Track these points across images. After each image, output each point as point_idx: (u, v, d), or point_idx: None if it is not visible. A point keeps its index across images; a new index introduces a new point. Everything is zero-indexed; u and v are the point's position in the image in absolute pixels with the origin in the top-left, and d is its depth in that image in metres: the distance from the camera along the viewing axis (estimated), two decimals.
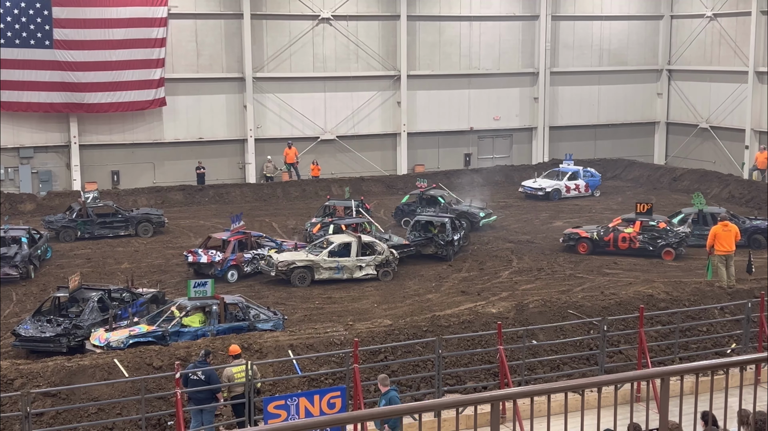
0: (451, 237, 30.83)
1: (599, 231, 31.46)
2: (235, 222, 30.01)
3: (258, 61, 44.57)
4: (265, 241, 29.91)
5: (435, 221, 31.81)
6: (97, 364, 17.89)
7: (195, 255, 28.38)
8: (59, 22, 40.19)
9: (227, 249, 28.46)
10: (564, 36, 50.55)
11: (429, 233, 31.36)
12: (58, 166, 42.25)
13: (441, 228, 31.27)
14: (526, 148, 50.86)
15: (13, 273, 27.90)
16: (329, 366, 18.44)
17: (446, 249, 30.68)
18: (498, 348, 17.07)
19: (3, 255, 28.14)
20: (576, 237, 31.52)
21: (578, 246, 31.38)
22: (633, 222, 31.35)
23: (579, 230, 32.00)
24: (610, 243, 31.08)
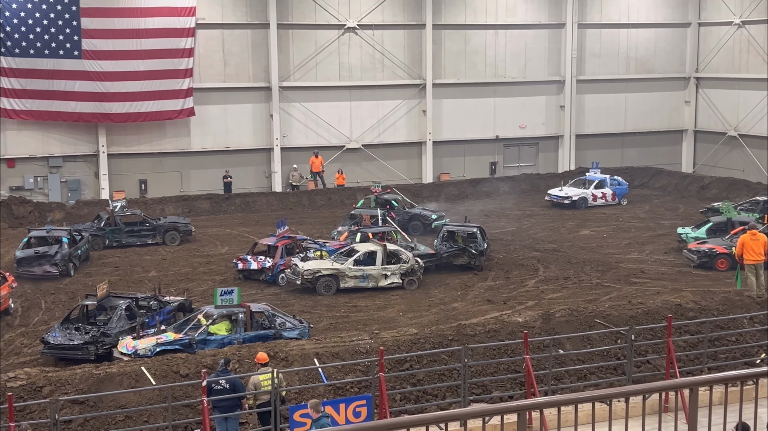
0: (482, 246, 30.73)
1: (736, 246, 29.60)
2: (281, 227, 30.43)
3: (284, 71, 44.77)
4: (310, 244, 30.23)
5: (462, 231, 31.65)
6: (125, 372, 17.99)
7: (245, 263, 28.87)
8: (88, 33, 40.60)
9: (276, 254, 28.92)
10: (590, 44, 50.35)
11: (458, 243, 31.18)
12: (87, 175, 42.63)
13: (470, 237, 31.11)
14: (553, 156, 50.67)
15: (53, 270, 29.48)
16: (355, 374, 18.42)
17: (478, 260, 30.47)
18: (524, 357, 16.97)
19: (44, 254, 29.74)
20: (714, 254, 29.93)
21: (716, 262, 29.80)
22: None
23: (717, 246, 30.25)
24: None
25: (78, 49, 40.55)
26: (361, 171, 46.66)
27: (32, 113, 40.40)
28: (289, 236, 30.22)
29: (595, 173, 44.41)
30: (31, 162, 41.53)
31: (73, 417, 16.40)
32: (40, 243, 30.62)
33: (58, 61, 40.34)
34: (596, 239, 35.61)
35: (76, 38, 40.46)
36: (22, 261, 29.62)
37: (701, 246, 30.62)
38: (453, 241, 31.38)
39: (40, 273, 29.39)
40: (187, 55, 42.29)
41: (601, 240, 35.30)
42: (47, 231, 31.29)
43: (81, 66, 40.62)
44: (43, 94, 40.30)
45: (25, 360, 21.54)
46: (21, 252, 30.05)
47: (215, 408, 16.30)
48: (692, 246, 30.86)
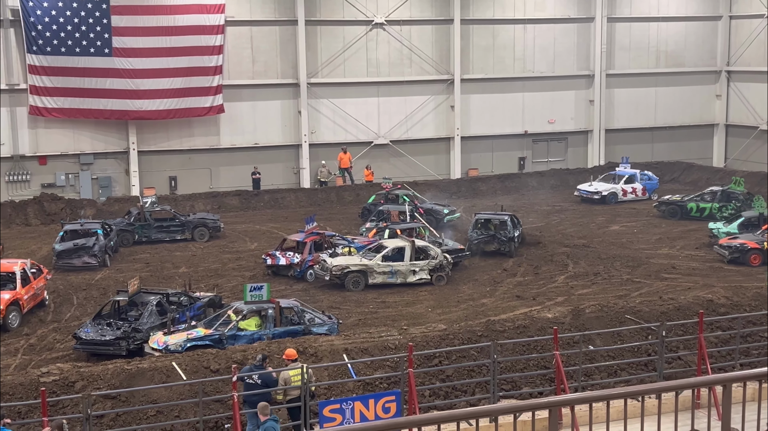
0: (512, 233, 31.66)
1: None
2: (309, 223, 30.61)
3: (312, 67, 44.85)
4: (338, 240, 30.33)
5: (494, 219, 32.70)
6: (156, 367, 18.13)
7: (273, 258, 29.07)
8: (118, 31, 40.91)
9: (304, 250, 29.03)
10: (620, 38, 49.97)
11: (490, 231, 32.05)
12: (118, 171, 42.98)
13: (501, 225, 32.07)
14: (582, 151, 50.37)
15: (92, 261, 30.54)
16: (384, 370, 18.44)
17: (508, 245, 31.48)
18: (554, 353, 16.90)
19: (83, 246, 30.68)
20: (746, 249, 29.62)
21: (749, 258, 29.56)
22: None
23: (748, 241, 29.89)
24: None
25: (108, 47, 40.87)
26: (389, 167, 46.63)
27: (63, 111, 40.78)
28: (318, 232, 30.35)
29: (625, 168, 44.11)
30: (62, 159, 41.95)
31: (105, 412, 16.56)
32: (74, 236, 31.35)
33: (88, 59, 40.68)
34: (626, 234, 35.38)
35: (106, 36, 40.79)
36: (62, 253, 30.49)
37: (732, 241, 30.26)
38: (486, 229, 32.34)
39: (80, 264, 30.36)
40: (217, 53, 42.49)
41: (631, 236, 35.06)
42: (81, 225, 32.11)
43: (111, 63, 40.94)
44: (74, 91, 40.66)
45: (58, 355, 21.78)
46: (60, 245, 30.84)
47: (245, 403, 16.40)
48: (724, 242, 30.50)
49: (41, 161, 41.65)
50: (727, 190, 37.67)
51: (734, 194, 37.16)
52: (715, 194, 37.62)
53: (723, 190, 37.75)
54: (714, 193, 37.84)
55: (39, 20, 39.85)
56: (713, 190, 38.22)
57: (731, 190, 37.49)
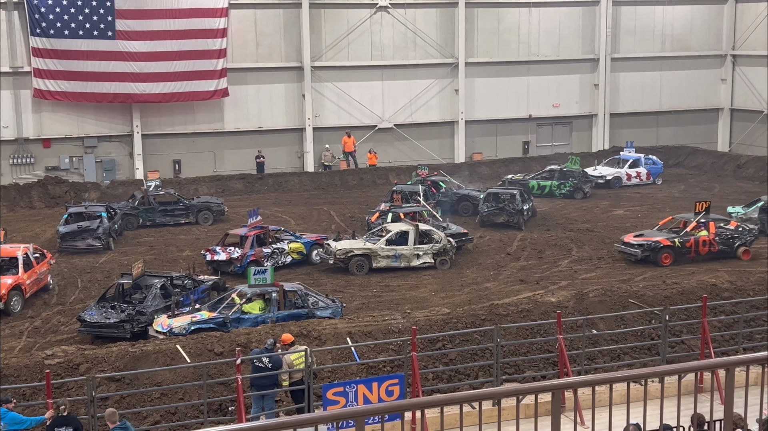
0: (520, 206, 33.09)
1: (681, 238, 28.33)
2: (253, 217, 29.39)
3: (316, 50, 44.73)
4: (284, 235, 29.26)
5: (504, 193, 34.24)
6: (160, 350, 18.20)
7: (213, 254, 27.69)
8: (122, 13, 40.81)
9: (245, 245, 27.77)
10: (625, 21, 49.74)
11: (500, 203, 33.40)
12: (122, 155, 42.99)
13: (511, 198, 33.46)
14: (586, 135, 50.25)
15: (96, 244, 30.69)
16: (387, 353, 18.49)
17: (516, 218, 32.93)
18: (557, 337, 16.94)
19: (87, 228, 30.77)
20: (658, 247, 28.14)
21: (660, 256, 27.98)
22: (705, 224, 28.77)
23: (661, 238, 28.22)
24: (692, 249, 28.35)
25: (112, 30, 40.78)
26: (393, 151, 46.58)
27: (67, 94, 40.74)
28: (261, 226, 29.01)
29: (630, 152, 44.02)
30: (66, 142, 41.94)
31: (109, 395, 16.63)
32: (78, 219, 31.46)
33: (92, 42, 40.60)
34: (630, 219, 35.34)
35: (109, 19, 40.69)
36: (66, 236, 30.58)
37: (641, 239, 28.23)
38: (496, 202, 33.70)
39: (84, 246, 30.48)
40: (221, 36, 42.36)
41: (635, 220, 35.02)
42: (85, 208, 32.19)
43: (115, 46, 40.85)
44: (78, 75, 40.60)
45: (62, 338, 21.86)
46: (64, 227, 30.92)
47: (252, 385, 16.46)
48: (629, 239, 28.38)
49: (45, 144, 41.65)
50: (564, 169, 39.59)
51: (571, 172, 39.27)
52: (554, 172, 39.57)
53: (561, 169, 39.72)
54: (553, 171, 39.76)
55: (42, 3, 39.74)
56: (552, 169, 40.13)
57: (568, 168, 39.54)
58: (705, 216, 28.90)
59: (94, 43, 40.62)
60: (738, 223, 29.47)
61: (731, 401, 6.29)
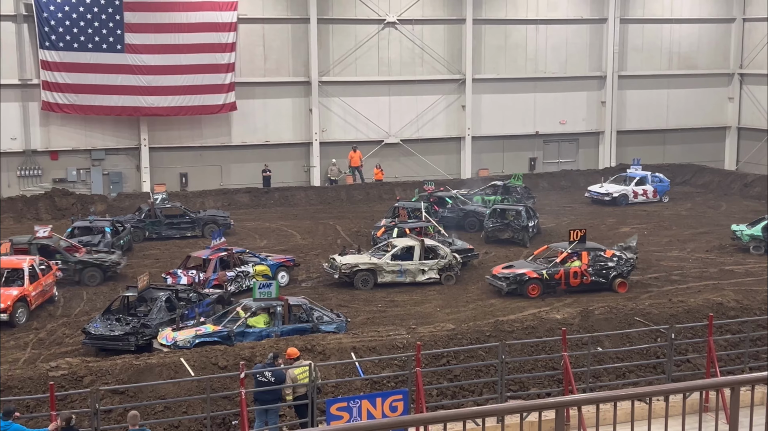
0: (526, 223, 33.11)
1: (549, 269, 26.87)
2: (216, 238, 28.37)
3: (324, 65, 44.87)
4: (249, 257, 27.98)
5: (510, 209, 34.29)
6: (164, 363, 18.18)
7: (174, 277, 26.46)
8: (131, 27, 41.02)
9: (208, 268, 26.62)
10: (633, 39, 49.82)
11: (506, 220, 33.57)
12: (129, 167, 43.10)
13: (516, 215, 33.54)
14: (593, 152, 50.25)
15: None
16: (391, 369, 18.44)
17: (521, 234, 32.92)
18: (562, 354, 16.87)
19: (88, 243, 30.32)
20: (525, 279, 26.65)
21: (527, 288, 26.57)
22: (578, 254, 27.22)
23: (527, 270, 26.84)
24: (561, 281, 26.82)
25: (121, 44, 40.97)
26: (399, 166, 46.63)
27: (75, 107, 40.89)
28: (225, 248, 27.72)
29: (636, 170, 43.98)
30: (73, 154, 42.08)
31: (113, 407, 16.61)
32: (83, 233, 31.28)
33: (101, 55, 40.78)
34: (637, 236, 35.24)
35: (119, 32, 40.90)
36: None
37: (509, 270, 27.16)
38: (502, 218, 33.86)
39: None
40: (229, 50, 42.53)
41: (641, 238, 34.85)
42: (90, 222, 31.98)
43: (124, 60, 41.03)
44: (86, 88, 40.75)
45: (67, 350, 21.85)
46: (65, 242, 30.36)
47: (255, 400, 16.43)
48: (498, 272, 27.36)
49: (53, 156, 41.79)
50: (507, 184, 39.89)
51: (514, 188, 39.55)
52: (498, 188, 39.96)
53: (504, 184, 39.97)
54: (496, 186, 40.15)
55: (52, 16, 39.98)
56: (496, 184, 40.56)
57: (511, 184, 39.80)
58: (579, 246, 27.31)
59: (102, 57, 40.80)
60: (614, 253, 27.62)
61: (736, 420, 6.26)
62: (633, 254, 27.91)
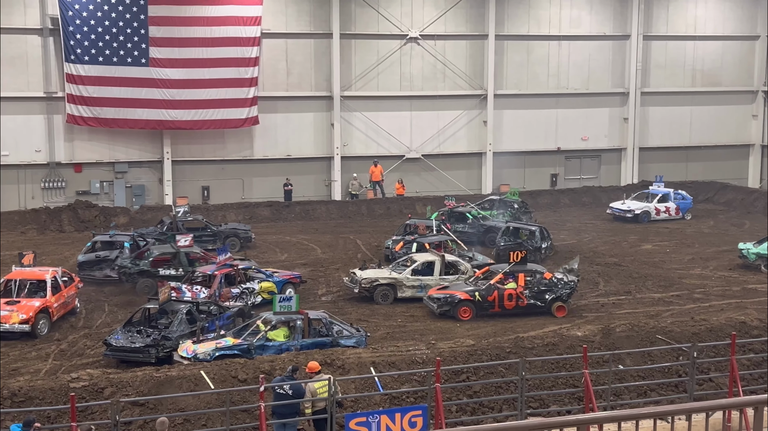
0: (539, 243, 32.57)
1: (481, 291, 26.23)
2: (222, 254, 28.17)
3: (346, 80, 45.02)
4: (255, 273, 27.75)
5: (524, 228, 33.76)
6: (184, 375, 18.23)
7: (178, 292, 26.04)
8: (155, 41, 41.33)
9: (213, 283, 26.45)
10: (656, 56, 49.67)
11: (519, 239, 32.99)
12: (151, 180, 43.36)
13: (530, 235, 33.03)
14: (615, 169, 50.06)
15: (113, 275, 29.55)
16: (411, 384, 18.40)
17: (535, 255, 31.95)
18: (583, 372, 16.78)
19: (105, 258, 30.09)
20: (455, 301, 26.04)
21: (458, 311, 25.89)
22: (514, 276, 26.54)
23: (458, 292, 26.27)
24: (495, 303, 26.12)
25: (145, 57, 41.31)
26: (420, 181, 46.64)
27: (99, 120, 41.21)
28: (231, 264, 27.52)
29: (659, 187, 43.77)
30: (97, 167, 42.41)
31: (133, 419, 16.66)
32: (104, 247, 31.11)
33: (125, 69, 41.11)
34: (659, 254, 35.08)
35: (143, 46, 41.24)
36: (84, 265, 30.05)
37: (441, 292, 26.60)
38: (515, 237, 33.38)
39: (101, 277, 29.66)
40: (253, 64, 42.77)
41: (663, 255, 34.76)
42: (110, 236, 31.65)
43: (148, 74, 41.34)
44: (111, 101, 41.08)
45: (88, 361, 21.96)
46: (83, 256, 30.54)
47: (274, 413, 16.42)
48: (433, 293, 26.71)
49: (76, 169, 42.12)
50: (504, 199, 39.94)
51: (510, 202, 39.39)
52: (494, 202, 39.85)
53: (500, 199, 40.07)
54: (493, 201, 40.07)
55: (78, 29, 40.39)
56: (492, 199, 40.54)
57: (507, 199, 39.83)
58: (517, 267, 26.68)
59: (127, 70, 41.13)
60: (554, 276, 26.82)
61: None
62: (575, 277, 27.11)
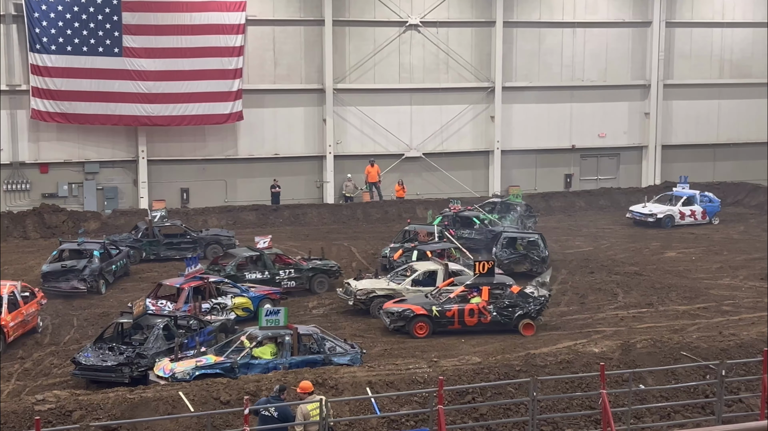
0: (545, 253, 32.46)
1: (440, 306, 25.87)
2: (191, 265, 27.62)
3: (339, 72, 45.06)
4: (229, 288, 27.45)
5: (523, 237, 33.45)
6: (161, 397, 18.20)
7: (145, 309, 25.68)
8: (129, 29, 41.35)
9: (180, 298, 26.30)
10: (680, 45, 49.76)
11: (520, 250, 32.72)
12: (125, 182, 43.35)
13: (532, 244, 32.80)
14: (635, 168, 50.12)
15: (80, 287, 29.31)
16: (411, 406, 18.39)
17: (541, 266, 31.91)
18: (600, 392, 16.78)
19: (72, 268, 29.70)
20: (409, 316, 25.71)
21: (413, 327, 25.63)
22: (478, 289, 26.32)
23: (414, 306, 25.86)
24: (455, 320, 25.76)
25: (118, 47, 41.31)
26: (421, 182, 46.69)
27: (67, 116, 41.18)
28: (201, 277, 27.28)
29: (684, 188, 43.83)
30: (65, 167, 42.39)
31: None
32: (72, 256, 30.84)
33: (96, 59, 41.11)
34: (684, 262, 35.12)
35: (116, 34, 41.25)
36: (48, 275, 29.69)
37: (398, 305, 26.27)
38: (515, 248, 33.00)
39: (68, 289, 29.33)
40: (236, 54, 42.79)
41: (689, 264, 34.79)
42: (79, 244, 31.32)
43: (121, 64, 41.35)
44: (80, 95, 41.08)
45: (55, 381, 21.92)
46: (48, 266, 30.18)
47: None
48: (388, 306, 26.41)
49: (42, 169, 42.11)
50: (506, 201, 40.21)
51: (512, 205, 39.69)
52: (495, 205, 39.99)
53: (502, 201, 40.28)
54: (494, 204, 40.21)
55: (44, 16, 40.39)
56: (493, 201, 40.69)
57: (510, 201, 40.11)
58: (482, 280, 26.41)
59: (98, 61, 41.14)
60: (523, 290, 26.55)
61: None
62: (547, 291, 26.94)
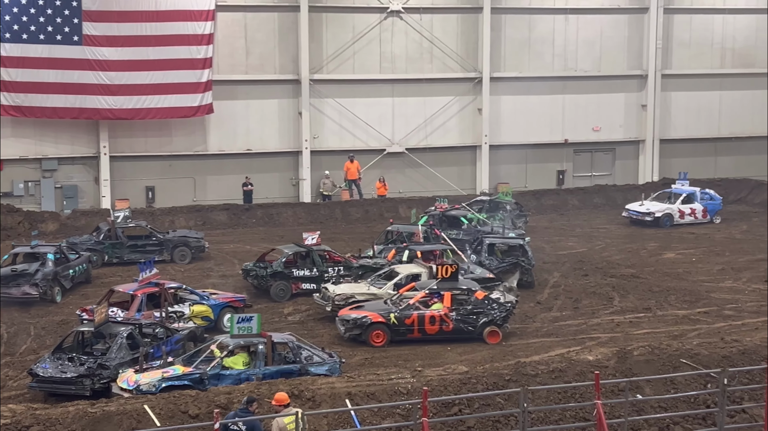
0: (533, 260, 32.04)
1: (398, 313, 25.68)
2: (145, 270, 27.21)
3: (316, 61, 45.05)
4: (187, 295, 27.22)
5: (508, 242, 32.93)
6: (125, 410, 18.16)
7: (91, 314, 25.04)
8: (90, 15, 41.21)
9: (132, 306, 25.93)
10: (679, 32, 50.01)
11: (507, 257, 32.16)
12: (86, 180, 43.20)
13: (518, 250, 32.25)
14: (632, 164, 50.34)
15: (32, 292, 28.97)
16: (393, 419, 18.42)
17: (530, 275, 31.74)
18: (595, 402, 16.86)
19: (23, 273, 29.47)
20: (366, 323, 25.56)
21: (370, 335, 25.48)
22: (439, 295, 26.31)
23: (370, 313, 25.78)
24: (414, 328, 25.62)
25: (78, 34, 41.16)
26: (404, 179, 46.73)
27: (22, 109, 41.00)
28: (156, 283, 26.83)
29: (683, 185, 44.04)
30: (21, 164, 42.20)
31: None
32: (25, 260, 30.61)
33: (54, 48, 40.96)
34: (683, 264, 35.29)
35: (75, 21, 41.09)
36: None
37: (354, 312, 26.25)
38: (504, 255, 32.48)
39: (19, 295, 28.87)
40: (205, 42, 42.71)
41: (688, 265, 34.96)
42: (32, 247, 31.02)
43: (81, 53, 41.21)
44: (37, 86, 40.91)
45: (10, 395, 21.81)
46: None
47: None
48: (344, 313, 26.32)
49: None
50: (495, 200, 40.56)
51: (501, 204, 40.13)
52: (484, 204, 40.40)
53: (491, 200, 40.67)
54: (482, 202, 40.65)
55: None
56: (482, 200, 41.16)
57: (499, 200, 40.47)
58: (447, 284, 26.43)
59: (56, 50, 40.98)
60: (487, 295, 26.50)
61: None
62: (514, 297, 27.10)
